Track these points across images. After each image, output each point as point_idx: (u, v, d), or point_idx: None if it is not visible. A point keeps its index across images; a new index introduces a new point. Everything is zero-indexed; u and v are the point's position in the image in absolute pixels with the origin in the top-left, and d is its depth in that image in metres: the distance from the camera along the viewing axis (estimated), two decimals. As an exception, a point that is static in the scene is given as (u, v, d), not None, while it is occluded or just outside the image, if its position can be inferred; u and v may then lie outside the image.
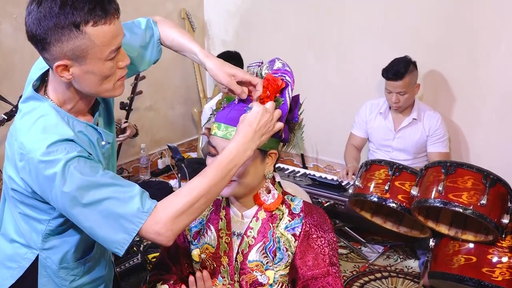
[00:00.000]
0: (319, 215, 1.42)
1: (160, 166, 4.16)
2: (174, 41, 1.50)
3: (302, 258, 1.38)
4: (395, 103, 2.96)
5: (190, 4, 4.24)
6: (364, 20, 3.51)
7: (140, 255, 2.60)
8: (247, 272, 1.40)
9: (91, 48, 1.17)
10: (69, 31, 1.14)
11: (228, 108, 1.34)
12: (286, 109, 1.33)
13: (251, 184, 1.36)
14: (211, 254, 1.45)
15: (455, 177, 2.10)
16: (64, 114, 1.27)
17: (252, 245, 1.40)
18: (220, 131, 1.31)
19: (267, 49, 3.97)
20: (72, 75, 1.20)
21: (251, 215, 1.42)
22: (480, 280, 2.06)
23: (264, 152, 1.35)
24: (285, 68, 1.36)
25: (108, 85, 1.25)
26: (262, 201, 1.39)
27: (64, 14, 1.13)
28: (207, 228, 1.47)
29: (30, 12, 1.16)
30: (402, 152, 3.10)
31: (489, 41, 3.05)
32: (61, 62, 1.17)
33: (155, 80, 4.09)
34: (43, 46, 1.17)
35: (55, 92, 1.28)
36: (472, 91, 3.20)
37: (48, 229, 1.32)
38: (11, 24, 3.13)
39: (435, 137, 3.03)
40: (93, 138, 1.31)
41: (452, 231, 2.23)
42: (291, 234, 1.38)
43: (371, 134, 3.22)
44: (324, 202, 2.77)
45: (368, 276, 2.72)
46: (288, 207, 1.42)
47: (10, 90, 2.98)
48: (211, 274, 1.45)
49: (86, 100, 1.31)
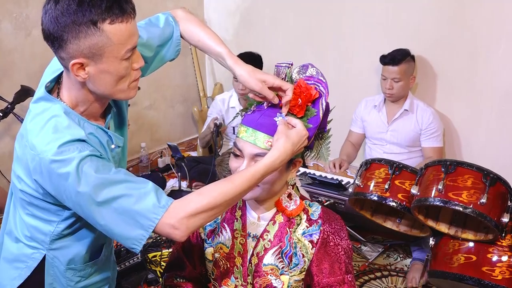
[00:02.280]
0: (337, 222, 1.41)
1: (160, 165, 4.17)
2: (200, 42, 1.47)
3: (319, 266, 1.37)
4: (389, 89, 3.02)
5: (190, 3, 4.24)
6: (364, 18, 3.50)
7: (140, 254, 2.60)
8: (261, 275, 1.39)
9: (108, 46, 1.16)
10: (87, 28, 1.14)
11: (258, 112, 1.32)
12: (318, 121, 1.30)
13: (274, 190, 1.36)
14: (225, 254, 1.44)
15: (455, 176, 2.09)
16: (75, 115, 1.26)
17: (268, 249, 1.39)
18: (248, 135, 1.30)
19: (267, 48, 3.97)
20: (88, 74, 1.20)
21: (268, 218, 1.41)
22: (480, 279, 2.06)
23: (290, 160, 1.33)
24: (319, 77, 1.33)
25: (122, 86, 1.24)
26: (284, 207, 1.38)
27: (82, 11, 1.13)
28: (222, 227, 1.46)
29: (47, 11, 1.16)
30: (395, 146, 3.14)
31: (490, 40, 3.05)
32: (77, 60, 1.17)
33: (155, 79, 4.09)
34: (60, 44, 1.17)
35: (69, 93, 1.27)
36: (472, 90, 3.20)
37: (57, 231, 1.32)
38: (11, 23, 3.12)
39: (428, 132, 3.06)
40: (103, 140, 1.31)
41: (452, 230, 2.22)
42: (308, 240, 1.37)
43: (366, 129, 3.27)
44: (324, 201, 2.77)
45: (368, 275, 2.72)
46: (306, 213, 1.41)
47: (10, 89, 2.98)
48: (224, 274, 1.45)
49: (99, 102, 1.30)
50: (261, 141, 1.27)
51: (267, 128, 1.28)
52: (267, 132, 1.28)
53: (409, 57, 3.03)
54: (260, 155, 1.28)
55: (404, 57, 2.99)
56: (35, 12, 3.22)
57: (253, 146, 1.28)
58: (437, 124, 3.07)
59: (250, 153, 1.29)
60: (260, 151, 1.28)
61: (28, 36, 3.21)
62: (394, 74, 2.99)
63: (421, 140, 3.10)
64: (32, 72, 3.18)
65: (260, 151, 1.28)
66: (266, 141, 1.27)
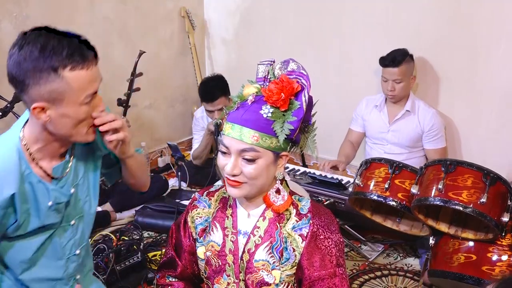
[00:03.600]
0: (327, 215, 1.42)
1: (160, 164, 4.17)
2: None
3: (309, 259, 1.37)
4: (391, 91, 3.02)
5: (190, 3, 4.23)
6: (364, 18, 3.51)
7: (140, 253, 2.60)
8: (253, 271, 1.40)
9: (68, 91, 1.23)
10: (47, 75, 1.20)
11: (242, 109, 1.33)
12: (302, 114, 1.31)
13: (262, 185, 1.36)
14: (217, 252, 1.45)
15: (455, 176, 2.09)
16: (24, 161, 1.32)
17: (259, 244, 1.40)
18: (234, 132, 1.30)
19: (267, 48, 3.97)
20: (49, 117, 1.26)
21: (258, 214, 1.42)
22: (480, 278, 2.07)
23: (277, 154, 1.34)
24: (300, 71, 1.34)
25: (82, 130, 1.31)
26: (271, 202, 1.39)
27: (44, 58, 1.19)
28: (213, 226, 1.46)
29: (11, 55, 1.23)
30: (396, 146, 3.14)
31: (490, 40, 3.05)
32: (38, 104, 1.23)
33: (155, 79, 4.09)
34: (21, 88, 1.23)
35: (30, 130, 1.34)
36: (472, 90, 3.20)
37: None
38: (11, 23, 3.12)
39: (431, 134, 3.06)
40: (39, 194, 1.36)
41: (452, 229, 2.23)
42: (298, 234, 1.38)
43: (367, 128, 3.26)
44: (324, 200, 2.77)
45: (368, 274, 2.72)
46: (296, 207, 1.42)
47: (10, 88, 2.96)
48: (216, 272, 1.46)
49: (59, 142, 1.36)
50: (247, 137, 1.28)
51: (253, 123, 1.29)
52: (253, 127, 1.29)
53: (408, 57, 3.03)
54: (246, 150, 1.29)
55: (403, 57, 2.99)
56: (35, 12, 3.22)
57: (240, 142, 1.29)
58: (439, 125, 3.06)
59: (237, 149, 1.30)
60: (246, 146, 1.29)
61: (28, 35, 3.21)
62: (395, 75, 2.98)
63: (424, 143, 3.09)
64: (32, 71, 3.18)
65: (247, 146, 1.29)
66: (252, 135, 1.28)
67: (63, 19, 3.38)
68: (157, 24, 4.02)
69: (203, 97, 3.45)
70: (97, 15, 3.59)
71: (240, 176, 1.32)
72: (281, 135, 1.29)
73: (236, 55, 4.32)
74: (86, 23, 3.53)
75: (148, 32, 3.96)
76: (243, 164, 1.31)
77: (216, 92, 3.39)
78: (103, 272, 2.45)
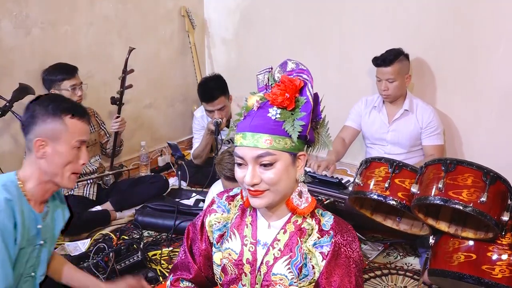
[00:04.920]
0: (349, 233, 1.38)
1: (160, 163, 4.17)
2: None
3: (328, 278, 1.33)
4: (384, 90, 3.02)
5: (190, 2, 4.24)
6: (364, 18, 3.51)
7: (140, 252, 2.60)
8: (270, 284, 1.37)
9: (64, 132, 1.64)
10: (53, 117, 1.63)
11: (249, 117, 1.31)
12: (310, 107, 1.30)
13: (285, 190, 1.32)
14: (234, 260, 1.42)
15: (455, 175, 2.09)
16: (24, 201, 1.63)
17: (278, 258, 1.36)
18: (247, 141, 1.28)
19: (266, 47, 3.97)
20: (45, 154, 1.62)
21: (279, 226, 1.38)
22: (480, 277, 2.07)
23: (294, 155, 1.31)
24: (299, 67, 1.33)
25: (66, 173, 1.67)
26: (295, 206, 1.35)
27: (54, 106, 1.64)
28: (231, 232, 1.43)
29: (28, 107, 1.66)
30: (396, 146, 3.14)
31: (490, 40, 3.06)
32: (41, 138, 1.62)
33: (155, 78, 4.10)
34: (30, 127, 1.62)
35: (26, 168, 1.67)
36: (472, 90, 3.21)
37: None
38: (10, 22, 3.12)
39: (429, 130, 3.06)
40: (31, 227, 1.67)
41: (452, 228, 2.23)
42: (319, 252, 1.34)
43: (365, 129, 3.25)
44: (324, 199, 2.77)
45: (368, 273, 2.72)
46: (318, 222, 1.37)
47: (10, 88, 2.98)
48: (231, 280, 1.43)
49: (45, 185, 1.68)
50: (260, 142, 1.26)
51: (263, 128, 1.27)
52: (264, 131, 1.27)
53: (402, 56, 3.01)
54: (262, 155, 1.26)
55: (396, 56, 2.97)
56: (35, 11, 3.22)
57: (254, 148, 1.27)
58: (438, 122, 3.08)
59: (252, 157, 1.27)
60: (262, 151, 1.26)
61: (28, 35, 3.21)
62: (387, 74, 2.98)
63: (422, 139, 3.10)
64: (31, 70, 3.18)
65: (262, 152, 1.26)
66: (265, 140, 1.26)
67: (63, 18, 3.38)
68: (157, 24, 4.02)
69: (203, 97, 3.45)
70: (97, 14, 3.59)
71: (261, 184, 1.28)
72: (293, 133, 1.27)
73: (236, 54, 4.32)
74: (86, 22, 3.53)
75: (148, 32, 3.96)
76: (261, 171, 1.28)
77: (215, 92, 3.39)
78: (103, 271, 2.45)
